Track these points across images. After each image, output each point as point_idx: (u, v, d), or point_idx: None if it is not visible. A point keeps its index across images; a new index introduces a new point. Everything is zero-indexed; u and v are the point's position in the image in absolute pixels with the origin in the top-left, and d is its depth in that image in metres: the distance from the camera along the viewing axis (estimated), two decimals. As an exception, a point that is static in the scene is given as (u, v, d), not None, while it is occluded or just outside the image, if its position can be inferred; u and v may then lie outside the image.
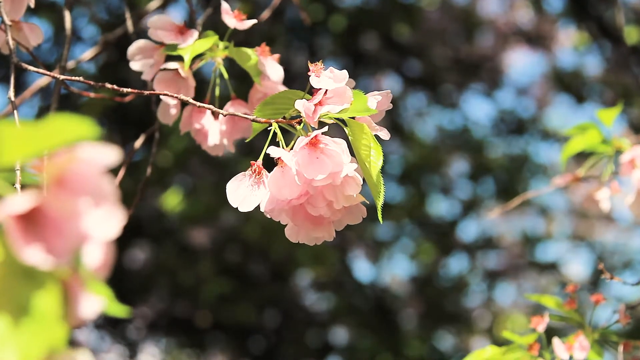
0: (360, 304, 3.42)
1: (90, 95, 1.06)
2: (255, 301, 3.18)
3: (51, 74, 0.90)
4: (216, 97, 0.96)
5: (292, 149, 0.74)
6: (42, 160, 0.46)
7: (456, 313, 3.63)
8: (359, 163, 0.75)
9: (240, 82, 1.13)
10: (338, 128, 0.78)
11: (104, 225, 0.44)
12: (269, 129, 0.79)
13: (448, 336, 3.69)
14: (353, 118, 0.76)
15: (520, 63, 4.12)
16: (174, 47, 0.93)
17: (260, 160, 0.79)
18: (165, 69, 0.93)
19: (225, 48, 0.96)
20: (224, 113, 0.85)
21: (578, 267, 4.13)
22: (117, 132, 2.88)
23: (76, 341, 3.04)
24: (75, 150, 0.43)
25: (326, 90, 0.75)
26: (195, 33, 0.93)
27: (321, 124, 0.75)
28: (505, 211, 1.72)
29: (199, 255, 3.13)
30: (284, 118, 0.80)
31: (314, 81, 0.75)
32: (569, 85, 3.53)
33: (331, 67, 0.75)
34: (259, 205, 0.78)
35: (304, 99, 0.75)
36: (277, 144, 0.77)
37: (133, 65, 0.94)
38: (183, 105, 0.95)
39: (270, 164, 0.76)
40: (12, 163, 0.44)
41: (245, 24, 0.92)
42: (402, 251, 3.65)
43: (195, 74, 0.95)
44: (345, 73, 0.74)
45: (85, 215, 0.44)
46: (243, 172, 0.78)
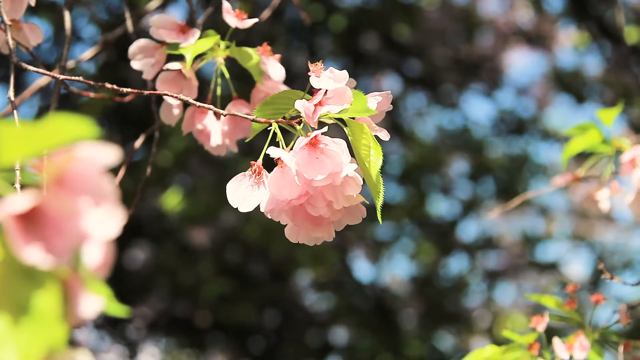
0: (360, 304, 3.42)
1: (90, 95, 1.06)
2: (255, 301, 3.18)
3: (51, 73, 0.89)
4: (218, 97, 0.96)
5: (292, 149, 0.74)
6: (42, 160, 0.46)
7: (456, 313, 3.62)
8: (358, 163, 0.75)
9: (241, 82, 1.13)
10: (338, 128, 0.78)
11: (103, 224, 0.44)
12: (268, 129, 0.79)
13: (448, 336, 3.68)
14: (353, 118, 0.76)
15: (520, 63, 4.13)
16: (176, 46, 0.92)
17: (260, 160, 0.79)
18: (168, 70, 0.93)
19: (227, 48, 0.95)
20: (224, 113, 0.85)
21: (578, 267, 4.13)
22: (117, 132, 2.88)
23: (76, 341, 3.03)
24: (75, 150, 0.43)
25: (326, 90, 0.75)
26: (197, 32, 0.93)
27: (321, 124, 0.75)
28: (505, 211, 1.72)
29: (199, 255, 3.13)
30: (284, 118, 0.80)
31: (314, 81, 0.75)
32: (569, 85, 3.53)
33: (331, 67, 0.75)
34: (259, 205, 0.77)
35: (303, 99, 0.75)
36: (277, 144, 0.76)
37: (134, 64, 0.94)
38: (185, 105, 0.95)
39: (270, 164, 0.76)
40: (12, 163, 0.44)
41: (246, 23, 0.92)
42: (402, 251, 3.65)
43: (196, 74, 0.95)
44: (345, 73, 0.74)
45: (85, 214, 0.44)
46: (243, 173, 0.78)
